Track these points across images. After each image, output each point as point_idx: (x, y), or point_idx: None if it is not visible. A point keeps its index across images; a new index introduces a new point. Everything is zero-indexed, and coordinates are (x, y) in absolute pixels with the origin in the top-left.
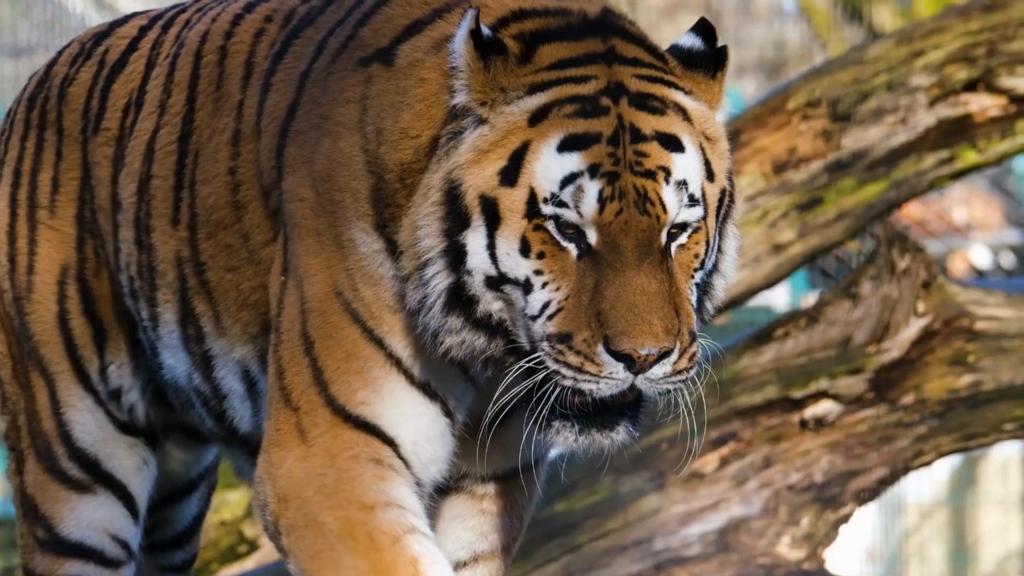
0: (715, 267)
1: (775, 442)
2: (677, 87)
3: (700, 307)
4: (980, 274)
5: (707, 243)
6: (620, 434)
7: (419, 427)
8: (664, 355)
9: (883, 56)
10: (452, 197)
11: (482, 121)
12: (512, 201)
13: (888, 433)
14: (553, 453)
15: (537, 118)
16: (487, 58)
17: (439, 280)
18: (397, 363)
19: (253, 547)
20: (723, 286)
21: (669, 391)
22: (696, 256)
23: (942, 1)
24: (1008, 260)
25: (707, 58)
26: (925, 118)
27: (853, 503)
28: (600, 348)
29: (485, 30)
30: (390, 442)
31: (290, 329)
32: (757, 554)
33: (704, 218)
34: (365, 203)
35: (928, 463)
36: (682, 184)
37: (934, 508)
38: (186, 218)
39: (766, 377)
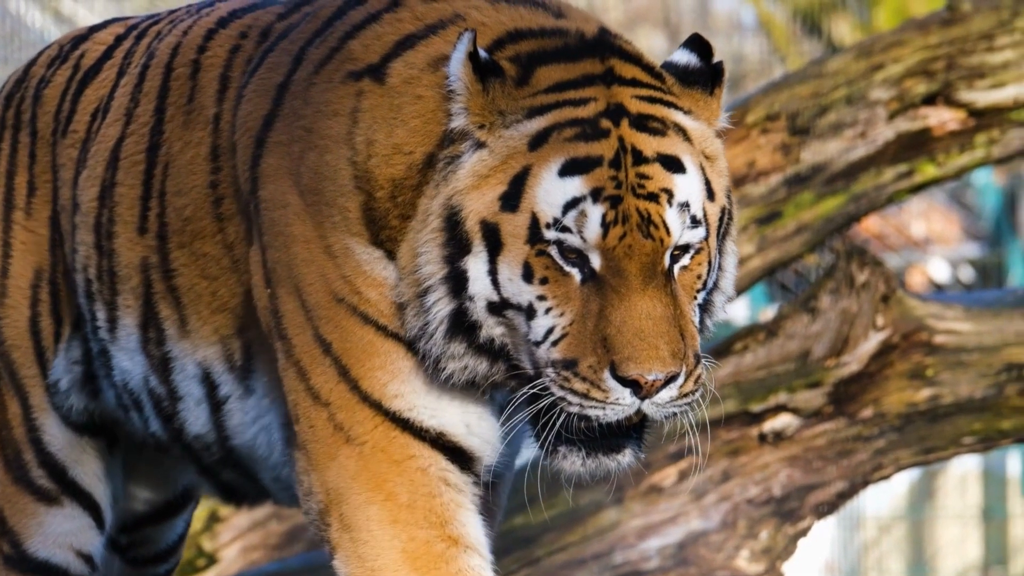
0: (716, 285)
1: (734, 456)
2: (676, 107)
3: (702, 326)
4: (939, 288)
5: (709, 263)
6: (627, 456)
7: (465, 407)
8: (671, 379)
9: (842, 70)
10: (452, 223)
11: (481, 145)
12: (514, 226)
13: (847, 447)
14: (518, 466)
15: (537, 142)
16: (486, 81)
17: (441, 307)
18: (418, 352)
19: (212, 560)
20: (723, 303)
21: (676, 414)
22: (699, 277)
23: (901, 15)
24: (967, 274)
25: (704, 75)
26: (884, 132)
27: (812, 517)
28: (606, 374)
29: (482, 53)
30: (439, 438)
31: (300, 334)
32: (716, 568)
33: (706, 238)
34: (357, 223)
35: (887, 477)
36: (684, 206)
37: (893, 522)
38: (155, 227)
39: (725, 391)
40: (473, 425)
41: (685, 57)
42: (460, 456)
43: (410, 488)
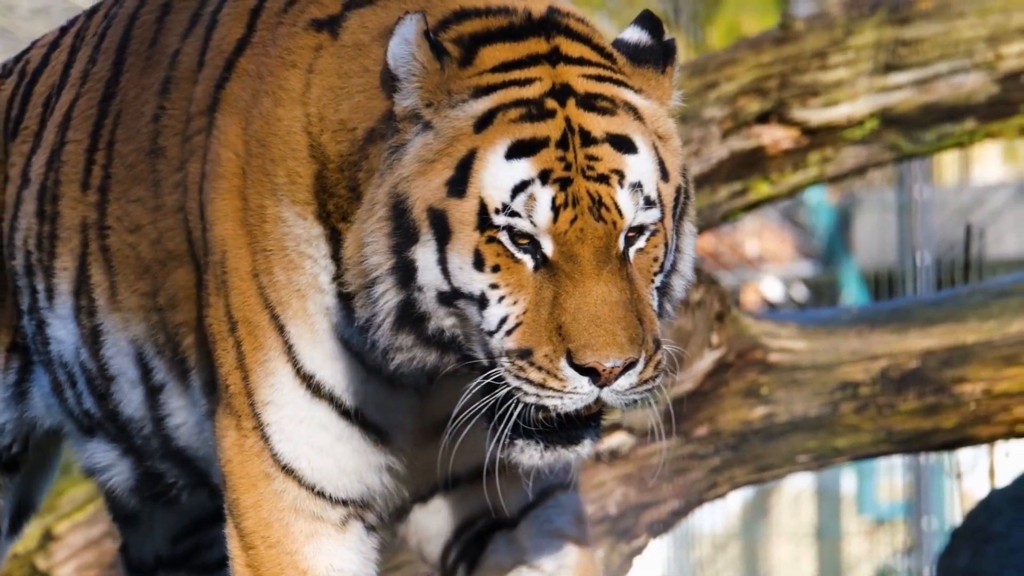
0: (674, 267)
1: None
2: (626, 85)
3: (661, 310)
4: (772, 306)
5: (665, 245)
6: (585, 447)
7: (308, 437)
8: (629, 366)
9: None
10: (399, 211)
11: (427, 126)
12: (462, 213)
13: (682, 465)
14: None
15: (482, 124)
16: (441, 60)
17: (388, 298)
18: (288, 349)
19: None
20: (683, 287)
21: (636, 401)
22: (655, 259)
23: (734, 33)
24: (800, 292)
25: (655, 53)
26: (718, 150)
27: (647, 535)
28: (563, 363)
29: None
30: (286, 466)
31: (215, 295)
32: None
33: (661, 219)
34: (306, 191)
35: (722, 495)
36: (637, 187)
37: (727, 540)
38: (98, 181)
39: None
40: (315, 460)
41: (636, 35)
42: (313, 488)
43: (269, 507)
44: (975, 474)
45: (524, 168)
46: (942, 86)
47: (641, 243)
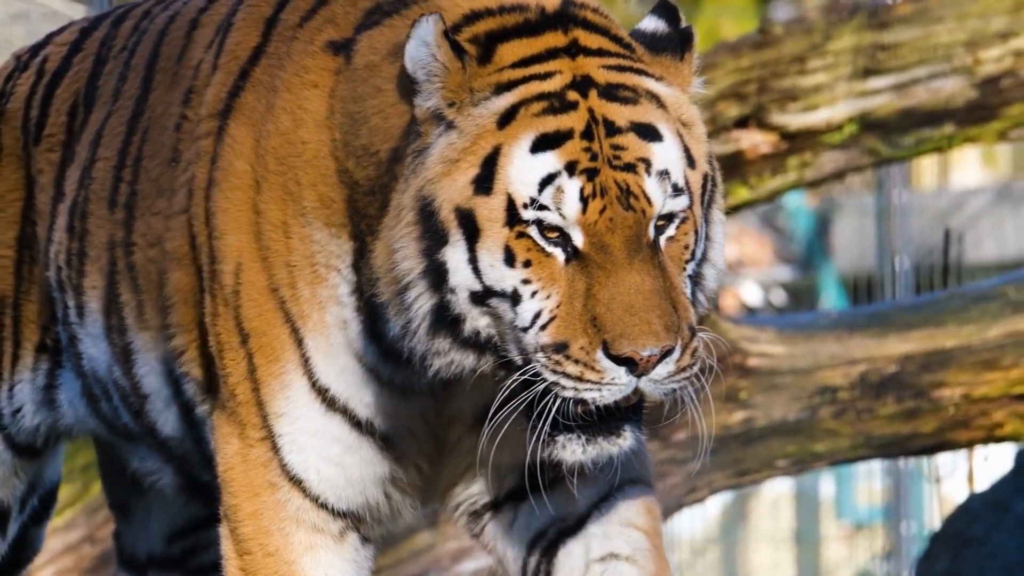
0: (704, 256)
1: None
2: (647, 74)
3: (694, 299)
4: (751, 311)
5: (695, 232)
6: (627, 440)
7: (320, 448)
8: (666, 354)
9: None
10: (426, 214)
11: (450, 126)
12: (490, 210)
13: (661, 469)
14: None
15: (506, 120)
16: (462, 58)
17: (422, 302)
18: (305, 362)
19: None
20: (714, 276)
21: (674, 390)
22: (686, 247)
23: (712, 38)
24: (779, 297)
25: (673, 40)
26: None
27: None
28: (599, 354)
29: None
30: (294, 477)
31: (226, 305)
32: None
33: (690, 207)
34: (341, 214)
35: (701, 499)
36: (664, 174)
37: (706, 544)
38: (124, 198)
39: None
40: (323, 471)
41: (653, 24)
42: (318, 499)
43: (270, 516)
44: (954, 478)
45: (550, 161)
46: (921, 91)
47: (671, 231)
